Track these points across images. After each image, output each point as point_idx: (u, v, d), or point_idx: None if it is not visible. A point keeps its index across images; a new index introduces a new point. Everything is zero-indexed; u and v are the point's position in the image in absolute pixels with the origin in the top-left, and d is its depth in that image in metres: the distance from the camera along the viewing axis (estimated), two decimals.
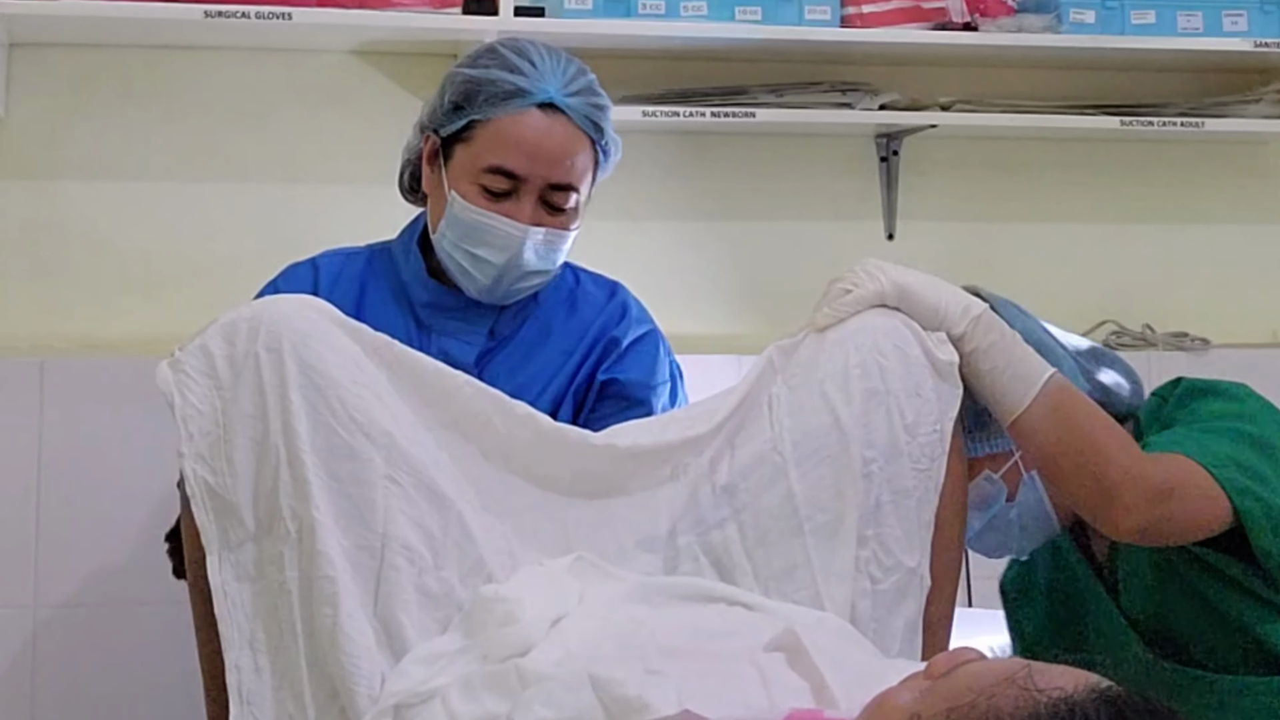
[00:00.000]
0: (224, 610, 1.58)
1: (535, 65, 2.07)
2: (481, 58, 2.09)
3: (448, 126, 2.10)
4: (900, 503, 1.72)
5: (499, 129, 2.05)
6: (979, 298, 2.77)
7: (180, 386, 1.63)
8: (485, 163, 2.06)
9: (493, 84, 2.06)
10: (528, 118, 2.05)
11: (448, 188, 2.09)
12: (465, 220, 2.07)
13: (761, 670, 1.43)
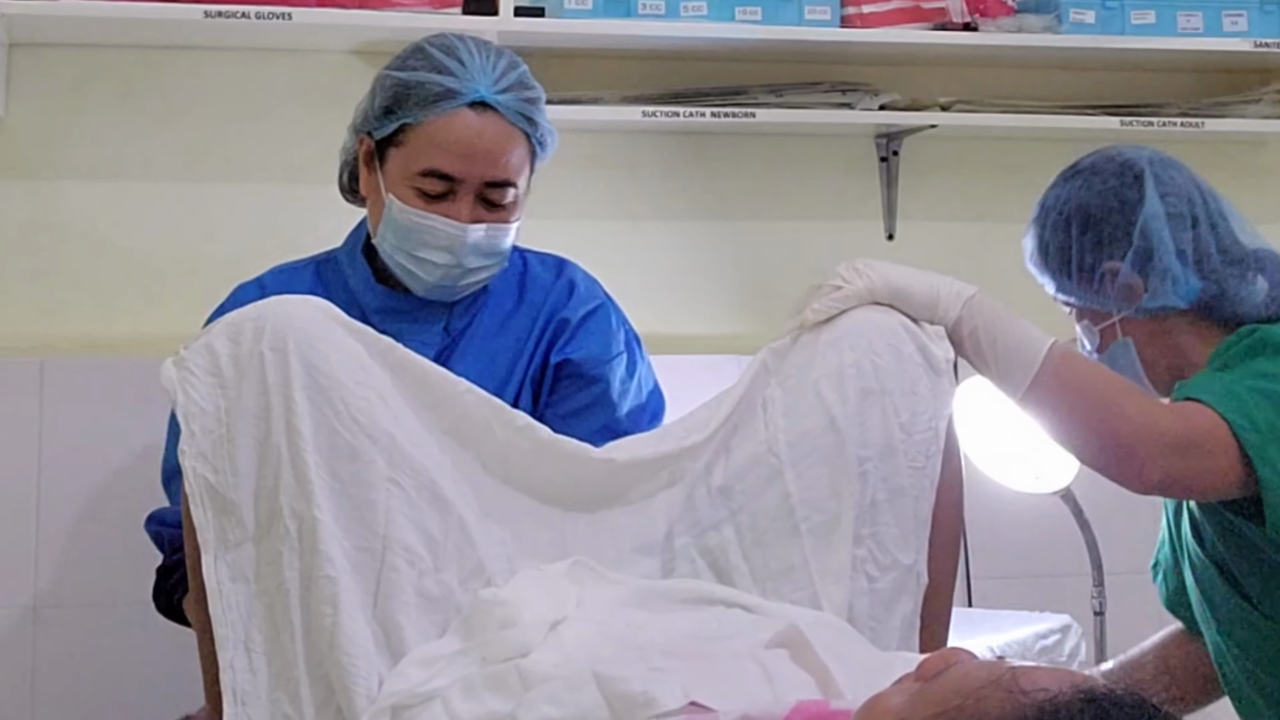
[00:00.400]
0: (219, 610, 1.59)
1: (464, 64, 2.06)
2: (410, 59, 2.08)
3: (380, 130, 2.09)
4: (896, 501, 1.72)
5: (430, 132, 2.05)
6: None
7: (184, 384, 1.63)
8: (419, 166, 2.05)
9: (421, 86, 2.05)
10: (459, 118, 2.05)
11: (384, 191, 2.08)
12: (404, 223, 2.07)
13: (765, 666, 1.44)
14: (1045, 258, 2.09)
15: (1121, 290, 2.04)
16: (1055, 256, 2.08)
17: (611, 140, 3.19)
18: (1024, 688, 1.07)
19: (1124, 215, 2.05)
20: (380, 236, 2.11)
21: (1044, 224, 2.10)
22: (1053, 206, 2.10)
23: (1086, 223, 2.06)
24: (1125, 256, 2.04)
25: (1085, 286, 2.06)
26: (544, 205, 3.18)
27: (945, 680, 1.13)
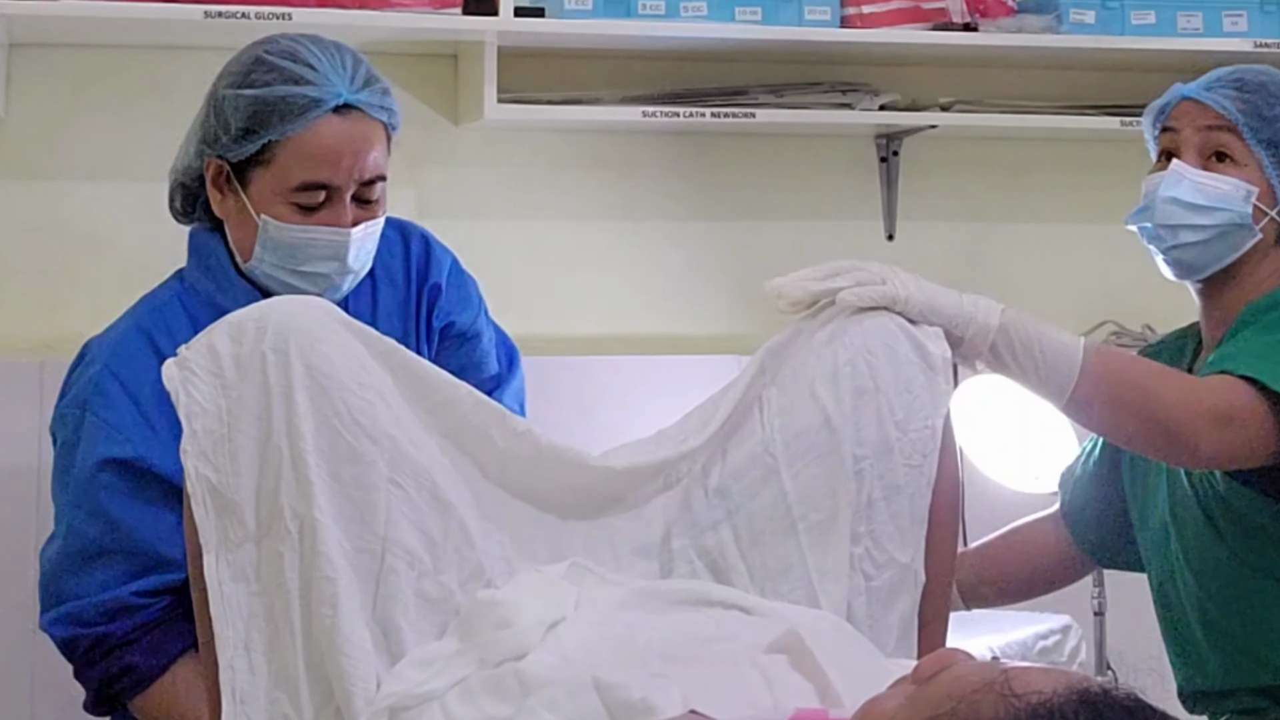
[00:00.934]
0: (219, 610, 1.58)
1: (315, 68, 2.02)
2: (253, 73, 2.02)
3: (237, 151, 2.02)
4: (893, 499, 1.73)
5: (301, 145, 2.00)
6: None
7: (185, 384, 1.63)
8: (294, 181, 2.01)
9: (284, 102, 1.99)
10: (326, 126, 2.01)
11: (254, 213, 2.03)
12: (286, 241, 2.03)
13: (764, 672, 1.44)
14: (1271, 115, 2.08)
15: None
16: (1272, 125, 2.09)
17: (611, 140, 3.20)
18: (1017, 690, 1.07)
19: None
20: (256, 259, 2.05)
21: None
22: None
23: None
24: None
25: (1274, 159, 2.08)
26: (544, 205, 3.19)
27: (939, 683, 1.12)
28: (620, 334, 3.20)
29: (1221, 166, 2.10)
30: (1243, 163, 2.09)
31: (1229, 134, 2.10)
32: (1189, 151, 2.12)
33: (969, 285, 3.32)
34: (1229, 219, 2.08)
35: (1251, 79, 2.12)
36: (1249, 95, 2.10)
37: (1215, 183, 2.09)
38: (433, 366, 1.72)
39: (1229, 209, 2.07)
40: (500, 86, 2.92)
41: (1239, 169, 2.09)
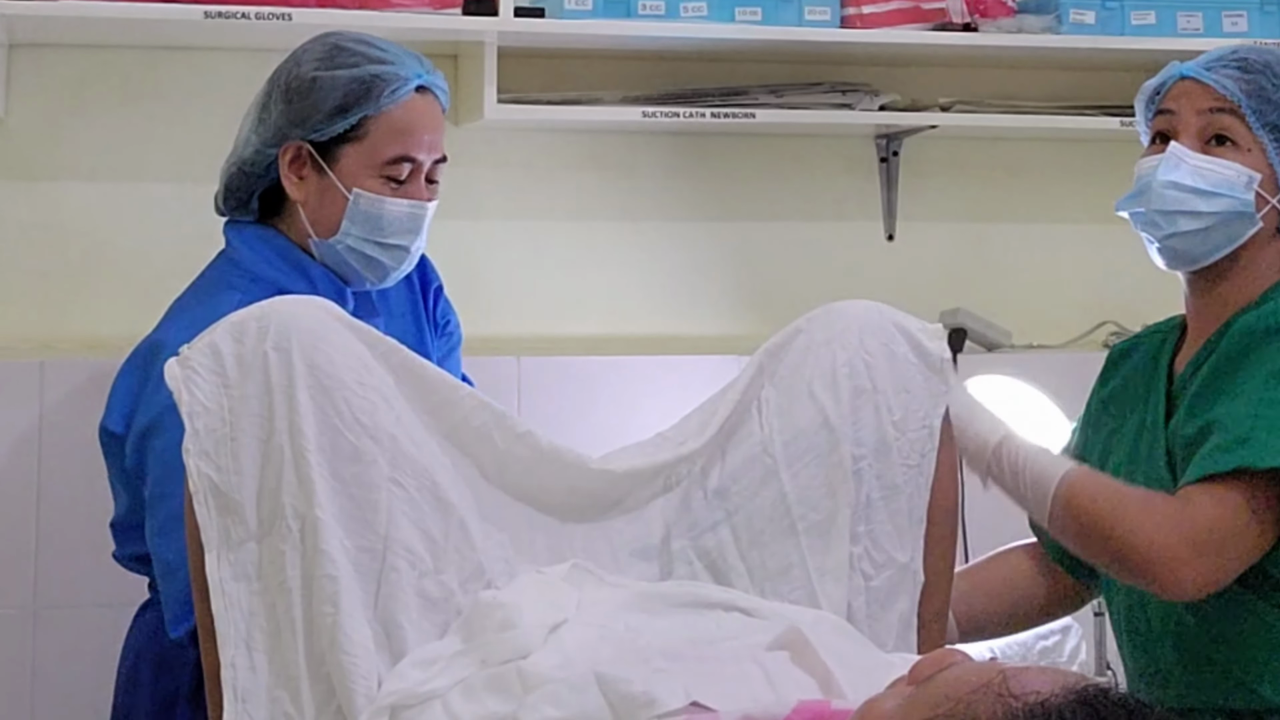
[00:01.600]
0: (221, 608, 1.59)
1: (389, 52, 2.14)
2: (338, 58, 2.13)
3: (327, 130, 2.12)
4: (891, 499, 1.73)
5: (394, 120, 2.12)
6: (958, 324, 2.80)
7: (187, 383, 1.63)
8: (388, 155, 2.12)
9: (378, 79, 2.11)
10: (413, 103, 2.14)
11: (343, 188, 2.12)
12: (376, 214, 2.13)
13: (765, 668, 1.44)
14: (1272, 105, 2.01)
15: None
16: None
17: (611, 141, 3.20)
18: (1014, 691, 1.07)
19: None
20: (343, 233, 2.14)
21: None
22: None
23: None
24: None
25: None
26: (544, 206, 3.19)
27: (937, 684, 1.13)
28: (620, 334, 3.20)
29: (1222, 150, 2.01)
30: (1245, 147, 2.00)
31: (1231, 116, 2.01)
32: (1187, 134, 2.03)
33: (969, 285, 3.34)
34: (1230, 206, 1.99)
35: (1256, 59, 2.03)
36: (1253, 76, 2.01)
37: (1217, 167, 2.00)
38: (434, 367, 1.73)
39: (1231, 195, 1.98)
40: (500, 87, 2.92)
41: (1241, 154, 2.00)
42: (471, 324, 3.15)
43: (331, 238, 2.15)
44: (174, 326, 2.07)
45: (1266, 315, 1.96)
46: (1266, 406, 1.88)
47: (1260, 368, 1.92)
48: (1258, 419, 1.88)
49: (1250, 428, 1.87)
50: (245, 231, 2.23)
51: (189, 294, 2.20)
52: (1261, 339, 1.94)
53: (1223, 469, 1.87)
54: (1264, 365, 1.92)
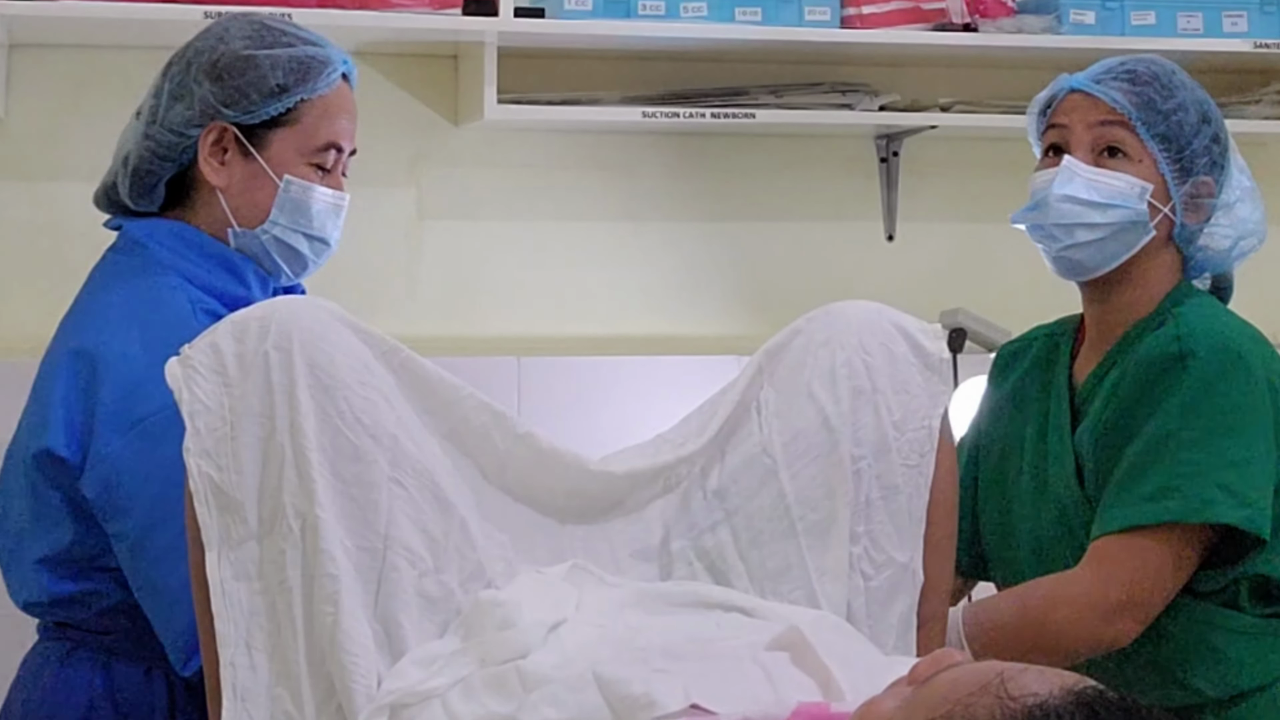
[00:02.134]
0: (221, 607, 1.59)
1: (314, 36, 2.06)
2: (268, 36, 2.02)
3: (261, 111, 2.00)
4: (890, 499, 1.73)
5: (327, 105, 2.04)
6: (958, 324, 2.81)
7: (188, 382, 1.63)
8: (320, 141, 2.03)
9: (316, 61, 2.02)
10: (343, 90, 2.06)
11: (273, 174, 2.02)
12: (306, 202, 2.04)
13: (766, 668, 1.44)
14: (1168, 109, 2.05)
15: (1192, 205, 2.07)
16: (1182, 121, 2.05)
17: (611, 141, 3.20)
18: (1012, 693, 1.07)
19: (1221, 147, 2.10)
20: (270, 222, 2.03)
21: (1182, 86, 2.08)
22: (1191, 89, 2.09)
23: (1216, 136, 2.09)
24: (1218, 182, 2.08)
25: (1175, 169, 2.05)
26: (544, 206, 3.20)
27: (935, 685, 1.13)
28: (620, 334, 3.20)
29: (1114, 163, 2.04)
30: (1136, 159, 2.04)
31: (1122, 129, 2.04)
32: (1080, 148, 2.06)
33: (969, 285, 3.34)
34: (1124, 217, 2.03)
35: (1144, 70, 2.07)
36: (1141, 88, 2.05)
37: (1110, 179, 2.04)
38: (435, 367, 1.73)
39: (1125, 206, 2.03)
40: (500, 87, 2.92)
41: (1133, 165, 2.04)
42: (471, 324, 3.17)
43: (257, 227, 2.04)
44: (113, 334, 1.93)
45: (1170, 340, 2.00)
46: (1186, 449, 1.93)
47: (1171, 400, 1.96)
48: (1179, 465, 1.93)
49: (1173, 475, 1.93)
50: (154, 226, 2.06)
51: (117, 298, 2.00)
52: (1167, 367, 1.98)
53: (1149, 521, 1.93)
54: (1174, 397, 1.96)
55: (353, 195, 3.08)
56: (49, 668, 2.00)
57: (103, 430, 1.88)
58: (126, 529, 1.88)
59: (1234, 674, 1.98)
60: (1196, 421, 1.94)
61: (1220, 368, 1.96)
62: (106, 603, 1.93)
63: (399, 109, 3.11)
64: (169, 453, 1.77)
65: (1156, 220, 2.04)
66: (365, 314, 1.77)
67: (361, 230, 3.11)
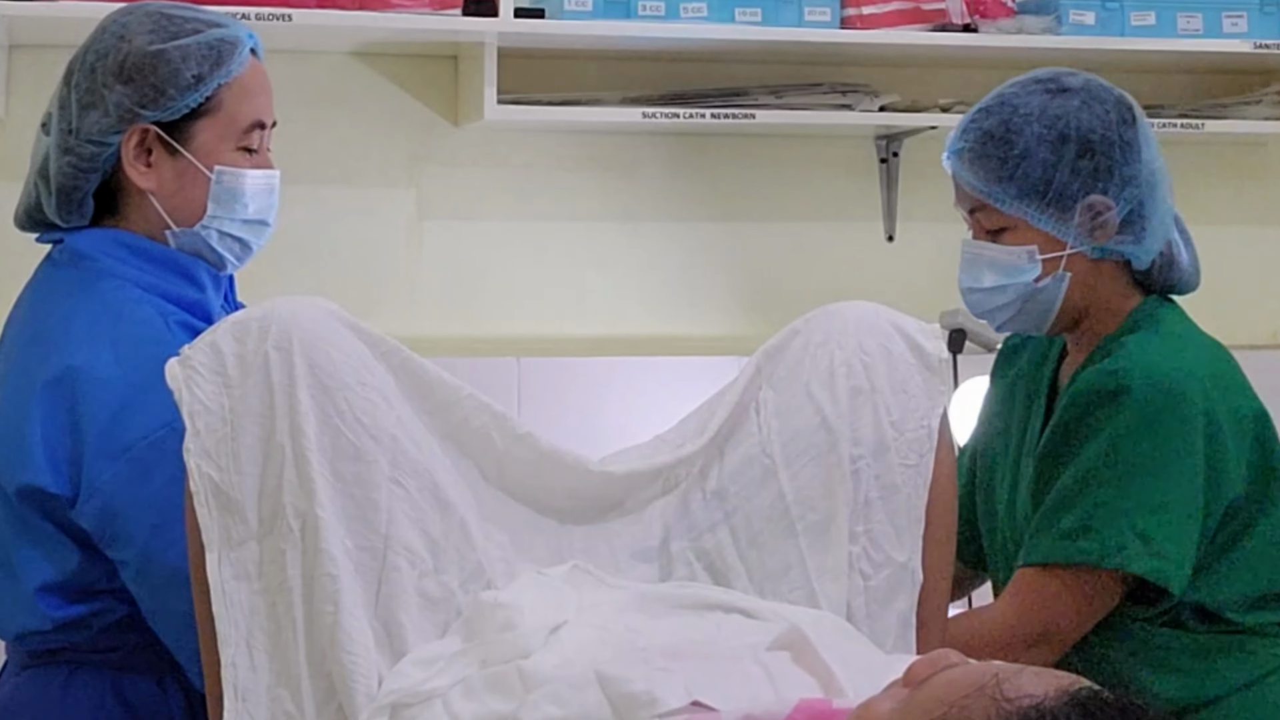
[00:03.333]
0: (221, 608, 1.59)
1: (216, 14, 1.99)
2: (169, 27, 1.94)
3: (181, 105, 1.92)
4: (889, 498, 1.73)
5: (245, 85, 1.96)
6: (958, 325, 2.80)
7: (188, 383, 1.63)
8: (245, 122, 1.97)
9: (222, 43, 1.94)
10: (255, 66, 2.00)
11: (203, 167, 1.95)
12: (240, 189, 1.97)
13: (766, 668, 1.44)
14: (1012, 166, 1.99)
15: (1092, 227, 2.00)
16: (1032, 170, 1.99)
17: (611, 141, 3.20)
18: (1008, 695, 1.07)
19: (1123, 154, 2.01)
20: (210, 217, 1.96)
21: (1021, 131, 2.00)
22: (1038, 116, 2.00)
23: (1086, 149, 2.00)
24: (1115, 195, 2.00)
25: (1053, 211, 1.99)
26: (544, 206, 3.20)
27: (931, 687, 1.13)
28: (620, 335, 3.20)
29: (1000, 237, 2.03)
30: (1013, 226, 2.01)
31: (985, 211, 2.03)
32: (973, 228, 2.08)
33: None
34: (1027, 284, 2.01)
35: (989, 125, 2.01)
36: (986, 152, 2.00)
37: (1001, 255, 2.01)
38: (434, 368, 1.73)
39: (1021, 279, 2.00)
40: (500, 87, 2.92)
41: (1016, 233, 2.01)
42: (471, 325, 3.17)
43: (196, 224, 1.96)
44: (85, 357, 1.85)
45: (1107, 375, 1.97)
46: (1108, 488, 1.93)
47: (1100, 436, 1.95)
48: (1098, 506, 1.93)
49: (1091, 515, 1.93)
50: (96, 237, 1.97)
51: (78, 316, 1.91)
52: (1102, 401, 1.96)
53: (1064, 560, 1.94)
54: (1103, 433, 1.95)
55: (353, 195, 3.11)
56: (48, 694, 1.92)
57: (92, 460, 1.82)
58: (129, 557, 1.83)
59: (1194, 684, 1.97)
60: (1121, 462, 1.93)
61: (1154, 407, 1.94)
62: (111, 618, 1.88)
63: (399, 109, 3.11)
64: (163, 476, 1.79)
65: (1063, 263, 2.00)
66: (365, 314, 1.77)
67: (361, 230, 3.13)
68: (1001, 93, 2.05)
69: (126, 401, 1.83)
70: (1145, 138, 2.04)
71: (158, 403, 1.76)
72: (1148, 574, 1.91)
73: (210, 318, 1.95)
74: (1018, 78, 2.07)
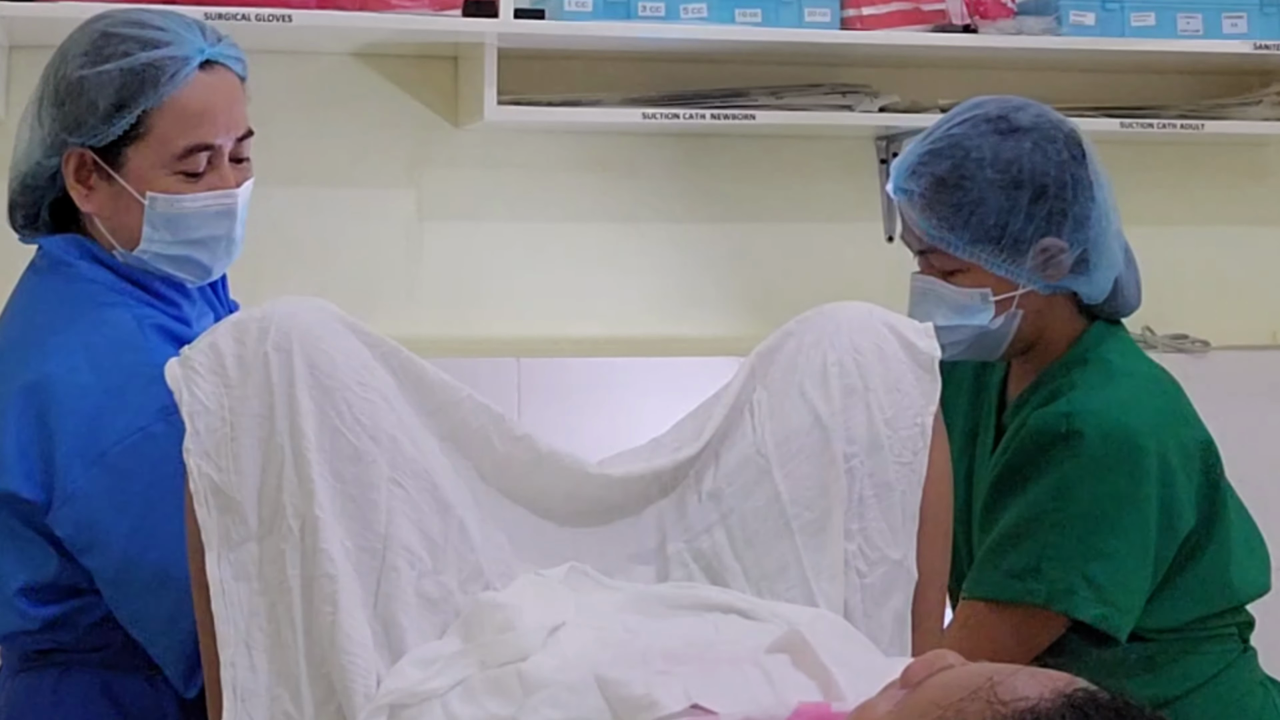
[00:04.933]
0: (221, 608, 1.59)
1: (168, 30, 1.90)
2: (106, 49, 1.89)
3: (106, 132, 1.89)
4: (883, 496, 1.73)
5: (180, 108, 1.88)
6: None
7: (188, 383, 1.63)
8: (178, 148, 1.89)
9: (152, 67, 1.87)
10: (198, 84, 1.89)
11: (136, 193, 1.90)
12: (176, 215, 1.91)
13: (766, 671, 1.44)
14: (966, 213, 1.98)
15: (1045, 266, 2.00)
16: (986, 217, 1.98)
17: (611, 142, 3.20)
18: (1003, 697, 1.07)
19: (1075, 194, 2.00)
20: (146, 241, 1.91)
21: (974, 177, 1.98)
22: (990, 161, 1.99)
23: (1041, 193, 1.98)
24: (1068, 236, 1.99)
25: (1007, 255, 1.99)
26: (544, 207, 3.20)
27: (926, 689, 1.13)
28: (620, 336, 3.21)
29: (953, 279, 2.02)
30: (965, 269, 2.01)
31: (938, 255, 2.02)
32: (923, 266, 2.06)
33: None
34: (981, 324, 2.01)
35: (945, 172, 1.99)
36: (939, 198, 1.99)
37: (953, 294, 2.01)
38: (434, 369, 1.73)
39: (975, 322, 2.01)
40: (500, 88, 2.93)
41: (966, 275, 2.01)
42: (471, 325, 3.17)
43: (136, 248, 1.93)
44: (60, 363, 1.85)
45: (1059, 418, 1.97)
46: (1058, 532, 1.93)
47: (1051, 477, 1.95)
48: (1048, 548, 1.93)
49: (1040, 557, 1.93)
50: (70, 243, 1.96)
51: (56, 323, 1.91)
52: (1054, 443, 1.96)
53: (1006, 598, 1.94)
54: (1054, 475, 1.95)
55: (353, 196, 3.12)
56: (40, 697, 1.93)
57: (66, 467, 1.81)
58: (104, 564, 1.83)
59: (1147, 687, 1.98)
60: (1070, 506, 1.93)
61: (1106, 453, 1.93)
62: (97, 615, 1.87)
63: (399, 110, 3.12)
64: (138, 482, 1.79)
65: (1015, 303, 2.01)
66: (365, 315, 1.77)
67: (361, 231, 3.13)
68: (951, 132, 2.02)
69: (100, 407, 1.82)
70: (1095, 173, 2.03)
71: (131, 408, 1.79)
72: (1094, 621, 1.92)
73: (186, 320, 1.97)
74: (966, 112, 2.05)
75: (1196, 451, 2.00)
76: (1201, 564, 2.00)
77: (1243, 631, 2.09)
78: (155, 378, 1.73)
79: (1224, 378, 3.24)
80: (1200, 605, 2.01)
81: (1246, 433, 3.13)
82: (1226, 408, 3.13)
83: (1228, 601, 2.04)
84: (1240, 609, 2.08)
